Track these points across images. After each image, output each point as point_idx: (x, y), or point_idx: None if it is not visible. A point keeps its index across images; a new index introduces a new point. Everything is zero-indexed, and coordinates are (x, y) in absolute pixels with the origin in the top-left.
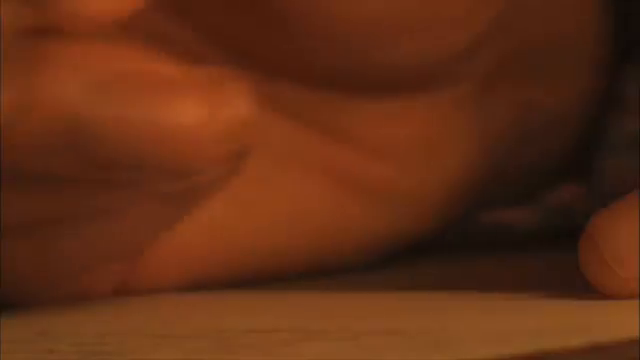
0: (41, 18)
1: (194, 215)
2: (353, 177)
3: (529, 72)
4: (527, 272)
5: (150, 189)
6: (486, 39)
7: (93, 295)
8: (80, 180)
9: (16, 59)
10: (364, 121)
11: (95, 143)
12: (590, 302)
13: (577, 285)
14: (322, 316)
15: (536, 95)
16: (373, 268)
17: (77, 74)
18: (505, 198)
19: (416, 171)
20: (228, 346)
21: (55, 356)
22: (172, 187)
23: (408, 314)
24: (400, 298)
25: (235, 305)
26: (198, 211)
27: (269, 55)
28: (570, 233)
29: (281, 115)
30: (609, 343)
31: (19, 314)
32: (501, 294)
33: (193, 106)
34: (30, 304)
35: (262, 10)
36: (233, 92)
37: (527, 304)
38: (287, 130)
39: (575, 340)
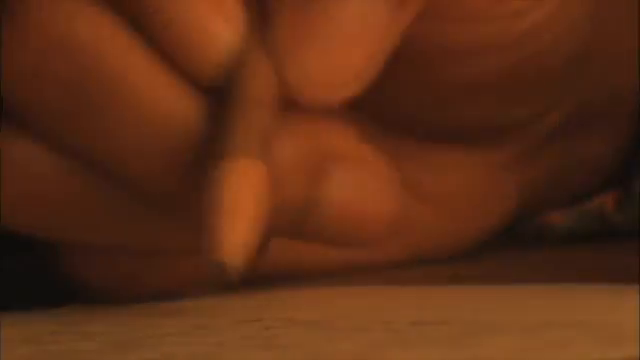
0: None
1: None
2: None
3: (579, 127)
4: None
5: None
6: (558, 104)
7: None
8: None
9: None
10: (419, 167)
11: (319, 220)
12: None
13: None
14: (488, 308)
15: (579, 144)
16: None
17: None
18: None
19: (455, 219)
20: (399, 339)
21: (221, 349)
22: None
23: (575, 306)
24: (545, 291)
25: (395, 298)
26: None
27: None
28: (605, 235)
29: None
30: None
31: (176, 306)
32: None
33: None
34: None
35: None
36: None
37: None
38: None
39: None
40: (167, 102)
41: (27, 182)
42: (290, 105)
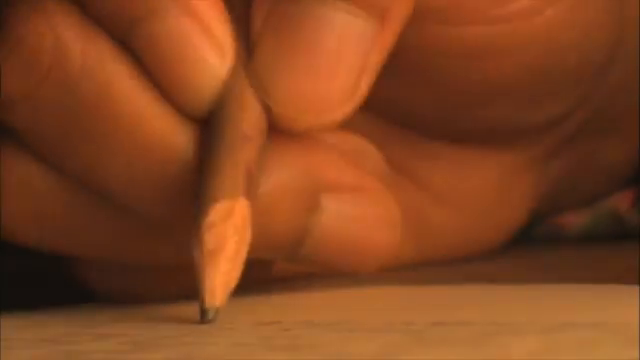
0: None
1: None
2: (414, 216)
3: (598, 129)
4: None
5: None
6: (576, 107)
7: None
8: None
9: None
10: (435, 167)
11: (312, 250)
12: None
13: None
14: (508, 309)
15: (598, 147)
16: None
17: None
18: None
19: (473, 220)
20: (420, 339)
21: (240, 349)
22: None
23: (593, 307)
24: (564, 291)
25: (414, 299)
26: None
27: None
28: (620, 235)
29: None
30: None
31: (194, 307)
32: None
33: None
34: None
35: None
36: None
37: None
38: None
39: None
40: (157, 130)
41: (28, 200)
42: (283, 132)
